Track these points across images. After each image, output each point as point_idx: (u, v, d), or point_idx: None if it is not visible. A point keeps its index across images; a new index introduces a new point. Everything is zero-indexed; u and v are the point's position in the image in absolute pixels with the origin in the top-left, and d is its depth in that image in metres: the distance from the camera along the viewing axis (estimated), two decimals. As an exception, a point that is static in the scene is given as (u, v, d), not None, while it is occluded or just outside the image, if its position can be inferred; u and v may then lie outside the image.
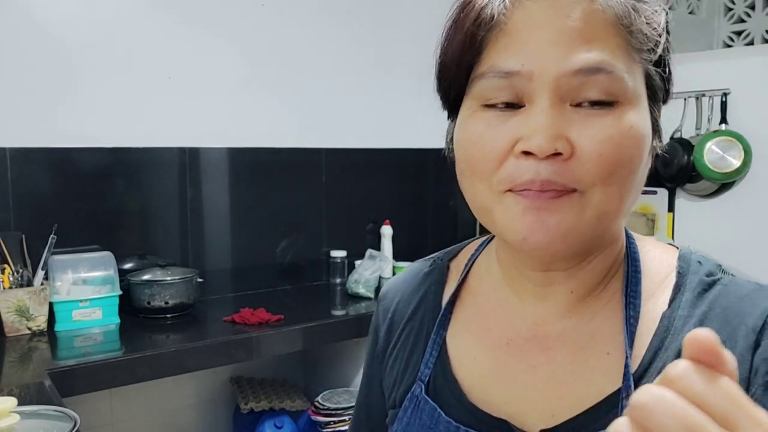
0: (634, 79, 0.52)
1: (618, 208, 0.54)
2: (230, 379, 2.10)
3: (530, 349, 0.61)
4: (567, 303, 0.60)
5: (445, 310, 0.68)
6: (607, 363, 0.57)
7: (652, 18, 0.53)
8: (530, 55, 0.51)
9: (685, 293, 0.57)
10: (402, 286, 0.75)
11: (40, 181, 1.80)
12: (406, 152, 2.43)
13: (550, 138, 0.50)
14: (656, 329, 0.57)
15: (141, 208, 1.96)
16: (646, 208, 2.51)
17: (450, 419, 0.61)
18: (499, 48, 0.53)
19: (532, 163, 0.51)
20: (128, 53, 1.93)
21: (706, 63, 2.39)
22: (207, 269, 2.04)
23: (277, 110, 2.20)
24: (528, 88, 0.51)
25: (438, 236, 2.58)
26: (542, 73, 0.51)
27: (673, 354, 0.55)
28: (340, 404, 1.86)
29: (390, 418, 0.69)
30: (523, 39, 0.51)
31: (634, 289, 0.58)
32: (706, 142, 2.23)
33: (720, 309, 0.55)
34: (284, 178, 2.22)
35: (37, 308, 1.64)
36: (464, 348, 0.65)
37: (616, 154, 0.51)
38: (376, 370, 0.74)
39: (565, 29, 0.50)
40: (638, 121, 0.52)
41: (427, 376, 0.65)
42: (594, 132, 0.51)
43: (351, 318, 1.86)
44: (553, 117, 0.51)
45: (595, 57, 0.50)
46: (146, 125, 1.96)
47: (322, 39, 2.28)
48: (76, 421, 0.97)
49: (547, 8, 0.51)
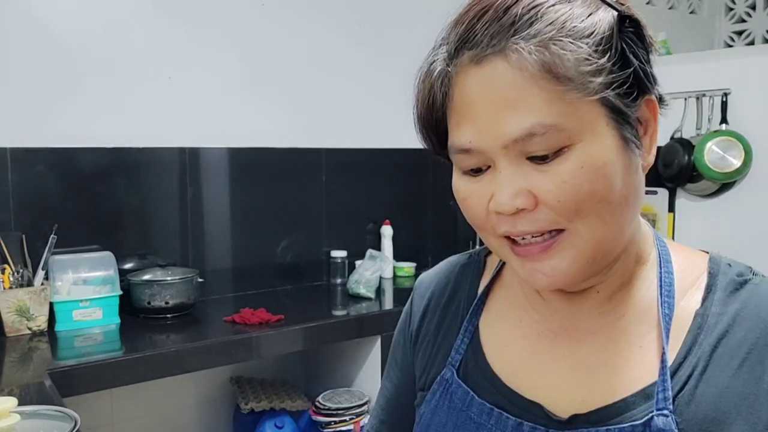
0: (578, 117, 0.53)
1: (608, 230, 0.56)
2: (230, 379, 2.10)
3: (561, 340, 0.64)
4: (595, 302, 0.63)
5: (479, 300, 0.71)
6: (639, 356, 0.60)
7: (578, 50, 0.52)
8: (474, 132, 0.55)
9: (716, 292, 0.60)
10: (438, 276, 0.78)
11: (40, 181, 1.80)
12: (406, 152, 2.43)
13: (510, 198, 0.54)
14: (690, 326, 0.59)
15: (141, 208, 1.96)
16: (646, 208, 2.50)
17: (484, 401, 0.64)
18: (453, 125, 0.57)
19: (507, 219, 0.56)
20: (129, 53, 1.93)
21: (706, 63, 2.39)
22: (207, 269, 2.04)
23: (277, 110, 2.20)
24: (485, 157, 0.56)
25: (438, 236, 2.58)
26: (488, 146, 0.55)
27: (708, 350, 0.57)
28: (341, 404, 1.86)
29: (418, 401, 0.72)
30: (466, 116, 0.56)
31: (668, 289, 0.61)
32: (707, 142, 2.23)
33: (753, 307, 0.58)
34: (284, 178, 2.22)
35: (38, 308, 1.64)
36: (496, 336, 0.68)
37: (573, 194, 0.53)
38: (407, 354, 0.77)
39: (495, 101, 0.54)
40: (590, 156, 0.53)
41: (458, 361, 0.68)
42: (547, 181, 0.54)
43: (351, 318, 1.86)
44: (510, 177, 0.55)
45: (525, 124, 0.53)
46: (146, 125, 1.96)
47: (321, 39, 2.28)
48: (76, 421, 0.97)
49: (478, 80, 0.54)
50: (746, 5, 3.52)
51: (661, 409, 0.55)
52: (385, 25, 2.42)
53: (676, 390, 0.56)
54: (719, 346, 0.57)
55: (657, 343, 0.59)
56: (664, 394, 0.56)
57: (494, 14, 0.54)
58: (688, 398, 0.56)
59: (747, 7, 3.52)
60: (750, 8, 3.51)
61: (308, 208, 2.28)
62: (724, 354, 0.57)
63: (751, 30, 3.50)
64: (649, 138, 0.58)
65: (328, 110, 2.31)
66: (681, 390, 0.56)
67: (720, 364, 0.57)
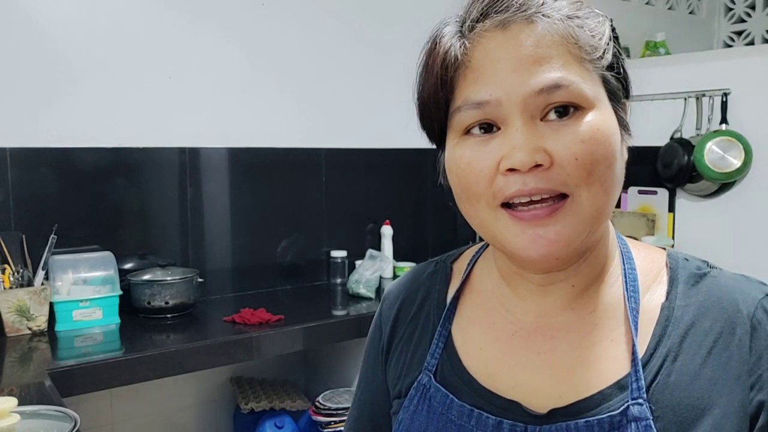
0: (591, 85, 0.58)
1: (606, 202, 0.58)
2: (230, 379, 2.10)
3: (534, 338, 0.65)
4: (568, 296, 0.65)
5: (451, 305, 0.72)
6: (611, 350, 0.62)
7: (595, 29, 0.59)
8: (496, 85, 0.57)
9: (679, 285, 0.64)
10: (407, 285, 0.79)
11: (40, 181, 1.80)
12: (406, 152, 2.43)
13: (528, 152, 0.56)
14: (657, 319, 0.62)
15: (141, 208, 1.96)
16: (647, 209, 2.51)
17: (463, 403, 0.65)
18: (468, 83, 0.59)
19: (518, 177, 0.57)
20: (128, 53, 1.93)
21: (706, 63, 2.39)
22: (207, 269, 2.04)
23: (277, 110, 2.21)
24: (500, 113, 0.58)
25: (438, 236, 2.58)
26: (509, 98, 0.57)
27: (677, 340, 0.60)
28: (341, 404, 1.86)
29: (395, 408, 0.72)
30: (488, 72, 0.58)
31: (632, 284, 0.64)
32: (707, 142, 2.23)
33: (715, 298, 0.62)
34: (284, 178, 2.22)
35: (38, 308, 1.64)
36: (470, 339, 0.69)
37: (590, 154, 0.56)
38: (379, 365, 0.77)
39: (521, 57, 0.57)
40: (603, 121, 0.58)
41: (434, 366, 0.69)
42: (566, 139, 0.56)
43: (352, 318, 1.86)
44: (528, 134, 0.56)
45: (552, 76, 0.56)
46: (146, 125, 1.96)
47: (322, 39, 2.28)
48: (76, 421, 0.97)
49: (502, 42, 0.58)
50: (745, 5, 3.52)
51: (635, 398, 0.58)
52: (385, 25, 2.42)
53: (649, 380, 0.59)
54: (687, 336, 0.60)
55: (627, 336, 0.62)
56: (638, 384, 0.58)
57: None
58: (662, 387, 0.58)
59: (746, 7, 3.52)
60: (749, 8, 3.51)
61: (308, 208, 2.29)
62: (693, 344, 0.60)
63: (751, 30, 3.51)
64: None
65: (328, 110, 2.31)
66: (654, 379, 0.59)
67: (690, 352, 0.59)
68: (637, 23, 3.12)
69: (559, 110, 0.57)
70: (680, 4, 3.44)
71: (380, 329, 0.78)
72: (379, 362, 0.77)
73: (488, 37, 0.58)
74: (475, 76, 0.58)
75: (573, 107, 0.57)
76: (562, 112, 0.57)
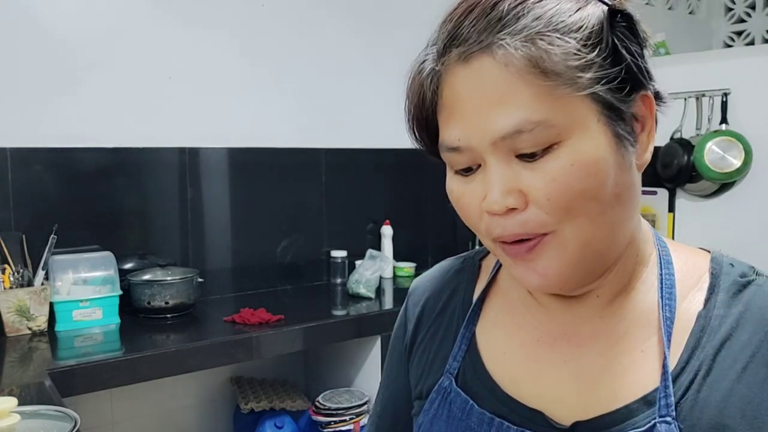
0: (568, 113, 0.52)
1: (597, 229, 0.54)
2: (230, 379, 2.10)
3: (561, 345, 0.62)
4: (595, 306, 0.61)
5: (475, 306, 0.69)
6: (641, 361, 0.58)
7: (565, 45, 0.51)
8: (463, 129, 0.55)
9: (719, 294, 0.58)
10: (432, 282, 0.76)
11: (40, 181, 1.80)
12: (406, 152, 2.42)
13: (501, 196, 0.53)
14: (692, 329, 0.58)
15: (141, 208, 1.96)
16: (646, 209, 2.51)
17: (484, 410, 0.62)
18: (443, 122, 0.57)
19: (498, 220, 0.55)
20: (128, 53, 1.93)
21: (706, 63, 2.39)
22: (207, 269, 2.04)
23: (276, 110, 2.20)
24: (475, 155, 0.55)
25: (438, 236, 2.58)
26: (476, 143, 0.54)
27: (711, 353, 0.56)
28: (341, 404, 1.86)
29: (416, 410, 0.70)
30: (456, 113, 0.55)
31: (669, 291, 0.59)
32: (707, 142, 2.23)
33: (756, 308, 0.57)
34: (284, 178, 2.22)
35: (38, 308, 1.64)
36: (494, 343, 0.67)
37: (563, 192, 0.52)
38: (403, 363, 0.75)
39: (482, 97, 0.53)
40: (580, 153, 0.52)
41: (456, 369, 0.67)
42: (539, 179, 0.53)
43: (351, 318, 1.86)
44: (501, 175, 0.54)
45: (512, 121, 0.52)
46: (146, 125, 1.96)
47: (321, 39, 2.28)
48: (76, 421, 0.97)
49: (464, 79, 0.54)
50: (745, 5, 3.52)
51: (663, 416, 0.54)
52: (385, 24, 2.42)
53: (679, 395, 0.55)
54: (722, 349, 0.56)
55: (659, 348, 0.58)
56: (666, 400, 0.55)
57: (482, 11, 0.53)
58: (692, 404, 0.54)
59: (746, 7, 3.52)
60: (749, 8, 3.51)
61: (308, 208, 2.28)
62: (728, 357, 0.55)
63: (751, 30, 3.50)
64: (646, 135, 0.57)
65: (328, 110, 2.31)
66: (684, 395, 0.55)
67: (724, 367, 0.55)
68: (637, 23, 3.12)
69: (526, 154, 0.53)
70: (680, 4, 3.44)
71: (405, 326, 0.76)
72: (403, 360, 0.75)
73: (453, 72, 0.55)
74: (446, 115, 0.56)
75: (541, 149, 0.52)
76: (530, 155, 0.53)
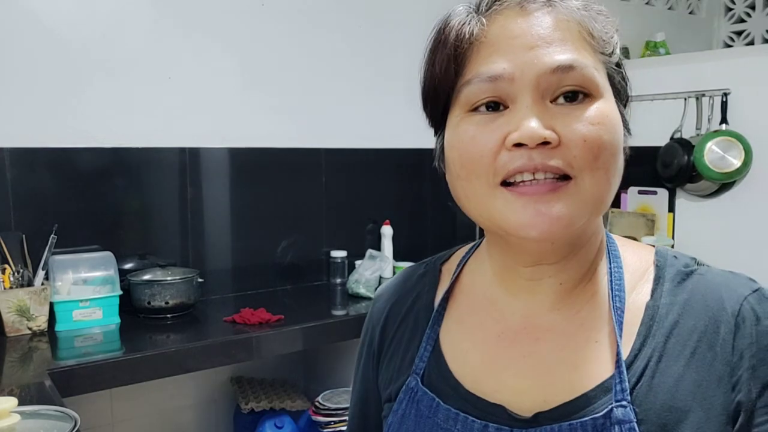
0: (602, 75, 0.59)
1: (607, 190, 0.58)
2: (230, 379, 2.10)
3: (520, 340, 0.65)
4: (556, 295, 0.64)
5: (439, 307, 0.72)
6: (596, 351, 0.61)
7: (606, 25, 0.61)
8: (511, 60, 0.57)
9: (665, 284, 0.62)
10: (396, 288, 0.78)
11: (40, 181, 1.79)
12: (406, 152, 2.43)
13: (538, 128, 0.55)
14: (642, 318, 0.61)
15: (141, 208, 1.96)
16: (646, 209, 2.51)
17: (449, 407, 0.65)
18: (481, 58, 0.59)
19: (524, 152, 0.56)
20: (129, 54, 1.93)
21: (706, 63, 2.39)
22: (207, 269, 2.04)
23: (276, 110, 2.20)
24: (511, 90, 0.57)
25: (438, 236, 2.58)
26: (523, 74, 0.57)
27: (662, 340, 0.59)
28: (340, 404, 1.86)
29: (385, 412, 0.73)
30: (503, 47, 0.58)
31: (618, 282, 0.63)
32: (707, 142, 2.23)
33: (700, 296, 0.61)
34: (284, 178, 2.22)
35: (38, 308, 1.64)
36: (456, 342, 0.69)
37: (598, 138, 0.56)
38: (371, 368, 0.77)
39: (538, 35, 0.57)
40: (610, 110, 0.58)
41: (421, 369, 0.69)
42: (575, 122, 0.56)
43: (351, 318, 1.85)
44: (538, 111, 0.56)
45: (568, 57, 0.57)
46: (146, 125, 1.96)
47: (321, 39, 2.28)
48: (76, 421, 0.97)
49: (520, 21, 0.58)
50: (745, 5, 3.52)
51: (619, 400, 0.57)
52: (385, 25, 2.42)
53: (633, 382, 0.58)
54: (671, 336, 0.59)
55: (611, 337, 0.61)
56: (621, 386, 0.58)
57: None
58: (646, 389, 0.58)
59: (746, 7, 3.52)
60: (749, 8, 3.51)
61: (308, 208, 2.28)
62: (677, 344, 0.59)
63: (751, 30, 3.50)
64: None
65: (327, 110, 2.31)
66: (638, 381, 0.58)
67: (673, 353, 0.59)
68: (637, 23, 3.12)
69: (568, 95, 0.57)
70: (680, 4, 3.44)
71: (371, 333, 0.78)
72: (370, 366, 0.77)
73: (506, 15, 0.59)
74: (490, 51, 0.58)
75: (583, 93, 0.57)
76: (571, 97, 0.57)
